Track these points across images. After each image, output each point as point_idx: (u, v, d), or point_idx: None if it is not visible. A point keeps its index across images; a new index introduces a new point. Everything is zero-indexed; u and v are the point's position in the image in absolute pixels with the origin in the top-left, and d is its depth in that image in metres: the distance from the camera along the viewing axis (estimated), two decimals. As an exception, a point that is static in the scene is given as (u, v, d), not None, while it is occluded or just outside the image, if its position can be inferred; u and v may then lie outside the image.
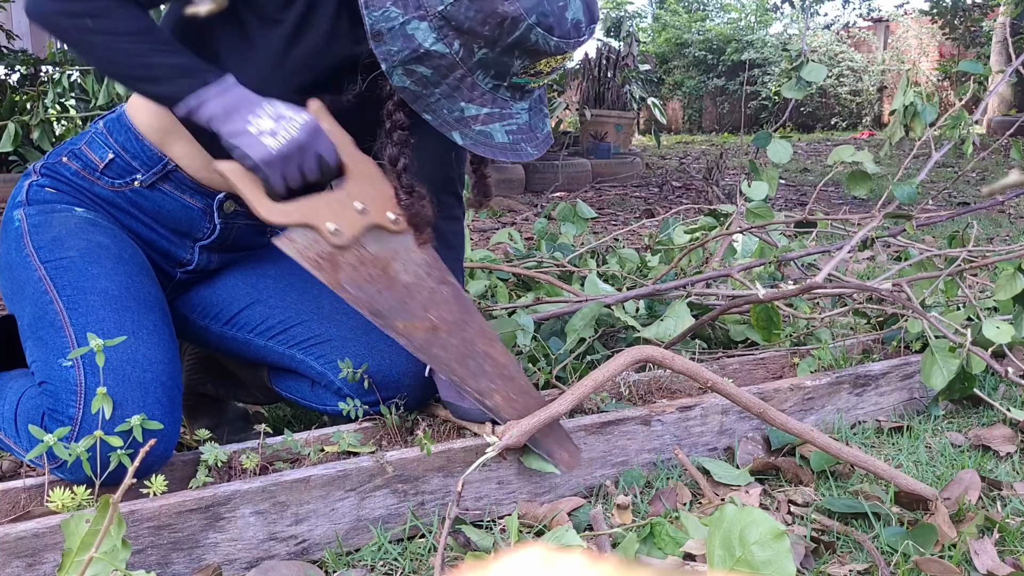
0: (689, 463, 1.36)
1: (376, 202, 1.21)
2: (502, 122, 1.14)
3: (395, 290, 1.23)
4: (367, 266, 1.22)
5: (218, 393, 1.63)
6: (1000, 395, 1.75)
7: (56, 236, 1.26)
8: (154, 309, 1.26)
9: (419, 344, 1.24)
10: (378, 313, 1.23)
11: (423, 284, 1.25)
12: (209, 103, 1.13)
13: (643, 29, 16.38)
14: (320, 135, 1.18)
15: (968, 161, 5.15)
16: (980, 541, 1.13)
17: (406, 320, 1.24)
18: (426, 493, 1.24)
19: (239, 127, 1.13)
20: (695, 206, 3.36)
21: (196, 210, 1.35)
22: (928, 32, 13.06)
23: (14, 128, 2.93)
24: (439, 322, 1.25)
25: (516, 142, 1.15)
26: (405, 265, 1.24)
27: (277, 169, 1.14)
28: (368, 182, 1.21)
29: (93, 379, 1.14)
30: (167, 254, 1.39)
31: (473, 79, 1.11)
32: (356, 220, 1.20)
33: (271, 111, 1.15)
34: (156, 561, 1.08)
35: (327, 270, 1.20)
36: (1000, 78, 2.08)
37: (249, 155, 1.13)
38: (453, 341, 1.26)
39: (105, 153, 1.31)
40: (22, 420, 1.21)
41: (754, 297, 1.68)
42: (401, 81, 1.10)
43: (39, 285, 1.22)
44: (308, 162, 1.17)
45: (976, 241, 1.97)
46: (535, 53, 1.09)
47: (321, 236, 1.19)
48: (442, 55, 1.08)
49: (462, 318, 1.27)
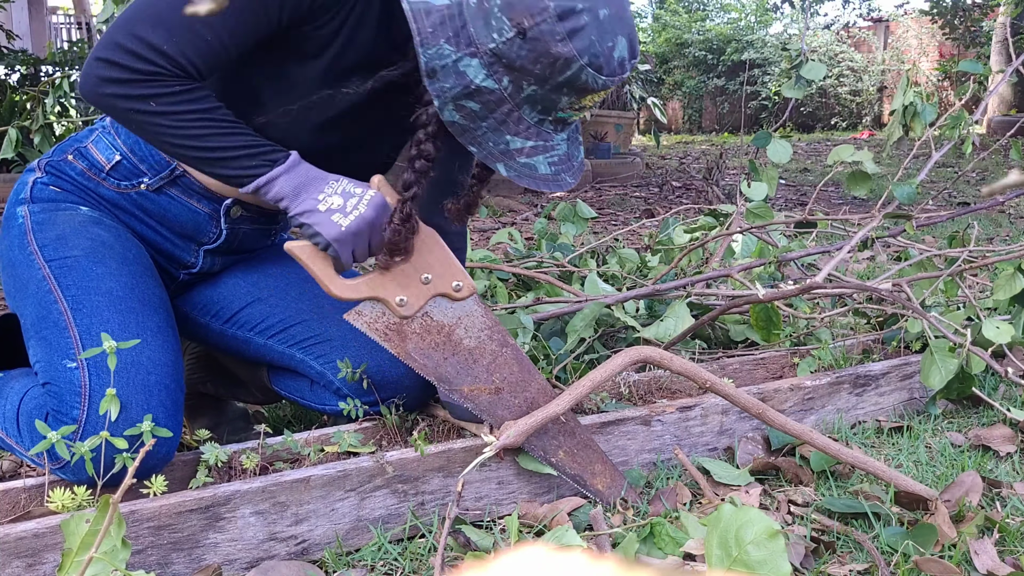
0: (689, 463, 1.36)
1: (440, 271, 1.24)
2: (545, 154, 1.15)
3: (460, 355, 1.27)
4: (432, 334, 1.26)
5: (218, 392, 1.63)
6: (1000, 395, 1.75)
7: (60, 234, 1.26)
8: (159, 310, 1.26)
9: (484, 407, 1.28)
10: (444, 379, 1.27)
11: (486, 348, 1.29)
12: (278, 182, 1.14)
13: (643, 29, 16.38)
14: (387, 210, 1.19)
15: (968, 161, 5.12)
16: (980, 541, 1.13)
17: (471, 384, 1.28)
18: (426, 493, 1.24)
19: (310, 206, 1.15)
20: (695, 206, 3.36)
21: (203, 215, 1.35)
22: (928, 32, 13.06)
23: (15, 134, 2.93)
24: (502, 384, 1.29)
25: (557, 173, 1.17)
26: (468, 331, 1.28)
27: (348, 246, 1.16)
28: (431, 253, 1.24)
29: (98, 381, 1.14)
30: (171, 256, 1.39)
31: (520, 114, 1.12)
32: (422, 291, 1.24)
33: (339, 188, 1.17)
34: (156, 561, 1.08)
35: (395, 340, 1.24)
36: (1000, 78, 2.08)
37: (321, 234, 1.15)
38: (516, 401, 1.29)
39: (112, 155, 1.31)
40: (24, 420, 1.21)
41: (754, 297, 1.68)
42: (451, 116, 1.10)
43: (43, 284, 1.22)
44: (376, 237, 1.19)
45: (976, 241, 1.97)
46: (583, 91, 1.11)
47: (389, 308, 1.23)
48: (491, 91, 1.09)
49: (523, 378, 1.30)
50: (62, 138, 3.97)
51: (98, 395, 1.13)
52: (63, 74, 3.18)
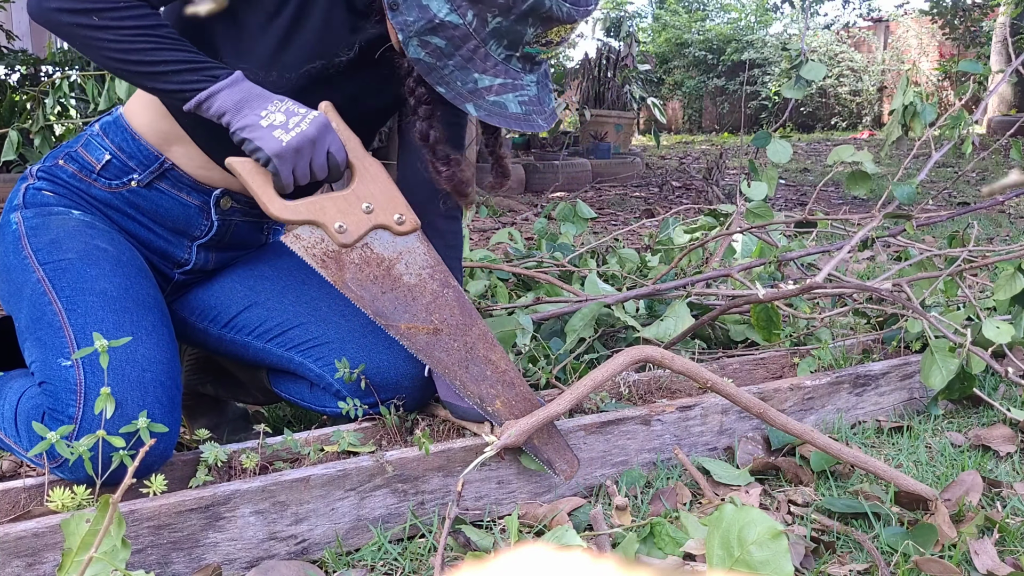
0: (689, 463, 1.36)
1: (383, 202, 1.23)
2: (515, 92, 1.15)
3: (398, 291, 1.25)
4: (371, 266, 1.23)
5: (218, 393, 1.63)
6: (1000, 395, 1.75)
7: (54, 238, 1.27)
8: (153, 310, 1.26)
9: (421, 346, 1.25)
10: (381, 313, 1.24)
11: (426, 286, 1.26)
12: (219, 97, 1.13)
13: (643, 29, 16.38)
14: (330, 131, 1.19)
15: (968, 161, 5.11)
16: (980, 541, 1.13)
17: (409, 322, 1.25)
18: (426, 493, 1.24)
19: (251, 120, 1.14)
20: (695, 206, 3.37)
21: (193, 207, 1.35)
22: (928, 32, 13.06)
23: (16, 136, 2.94)
24: (442, 325, 1.26)
25: (528, 113, 1.16)
26: (409, 267, 1.25)
27: (288, 163, 1.15)
28: (375, 183, 1.23)
29: (93, 379, 1.14)
30: (165, 254, 1.39)
31: (486, 50, 1.11)
32: (363, 220, 1.22)
33: (282, 106, 1.16)
34: (156, 561, 1.08)
35: (332, 268, 1.22)
36: (1000, 78, 2.08)
37: (261, 148, 1.13)
38: (455, 345, 1.27)
39: (101, 155, 1.32)
40: (22, 420, 1.21)
41: (754, 297, 1.68)
42: (416, 52, 1.11)
43: (37, 287, 1.23)
44: (318, 157, 1.18)
45: (976, 241, 1.97)
46: (548, 20, 1.10)
47: (328, 234, 1.20)
48: (456, 25, 1.09)
49: (465, 322, 1.28)
50: (62, 139, 3.97)
51: (93, 393, 1.13)
52: (63, 75, 3.18)
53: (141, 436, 1.09)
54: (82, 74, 3.28)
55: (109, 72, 1.21)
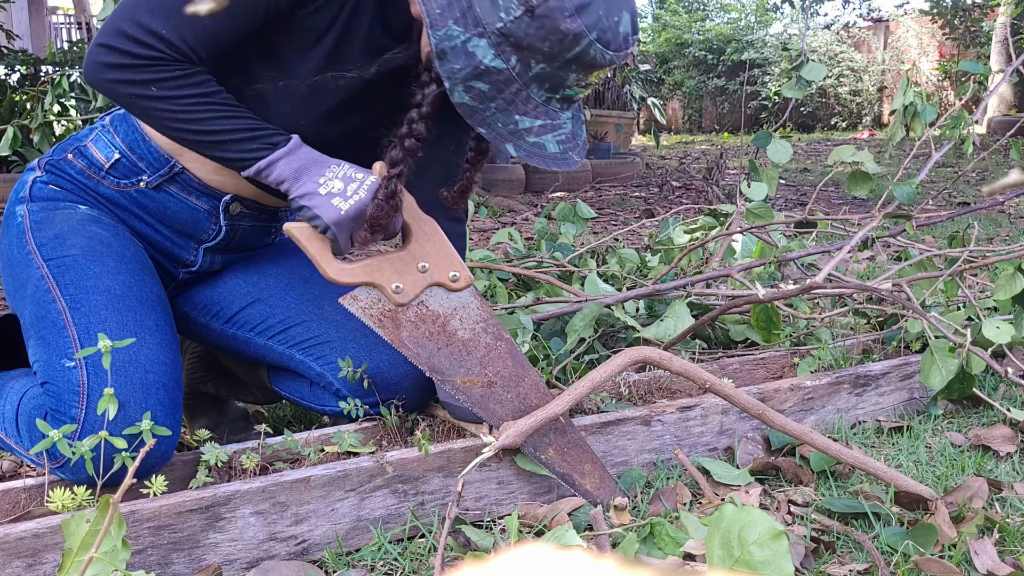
0: (689, 463, 1.36)
1: (438, 261, 1.25)
2: (553, 133, 1.16)
3: (453, 346, 1.27)
4: (427, 323, 1.26)
5: (218, 392, 1.63)
6: (1000, 395, 1.75)
7: (59, 233, 1.26)
8: (156, 309, 1.25)
9: (476, 399, 1.28)
10: (437, 369, 1.27)
11: (480, 340, 1.29)
12: (278, 165, 1.15)
13: (643, 29, 16.38)
14: None
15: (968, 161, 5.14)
16: (980, 541, 1.13)
17: (464, 376, 1.28)
18: (426, 493, 1.24)
19: (310, 189, 1.16)
20: (695, 206, 3.37)
21: (202, 212, 1.35)
22: (928, 32, 13.06)
23: (13, 131, 2.94)
24: (495, 378, 1.29)
25: (565, 151, 1.17)
26: (463, 322, 1.28)
27: (347, 230, 1.17)
28: (429, 242, 1.25)
29: (96, 380, 1.14)
30: (170, 255, 1.39)
31: (528, 93, 1.12)
32: (419, 279, 1.24)
33: (340, 172, 1.17)
34: (156, 561, 1.08)
35: (389, 327, 1.24)
36: (1000, 78, 2.08)
37: (320, 216, 1.15)
38: (508, 396, 1.29)
39: (111, 153, 1.31)
40: (24, 419, 1.21)
41: (754, 297, 1.68)
42: (461, 98, 1.10)
43: (41, 283, 1.22)
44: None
45: (976, 241, 1.97)
46: (591, 67, 1.11)
47: (385, 295, 1.23)
48: (500, 70, 1.09)
49: (517, 373, 1.30)
50: (62, 137, 3.97)
51: (96, 394, 1.13)
52: (62, 73, 3.18)
53: (143, 438, 1.09)
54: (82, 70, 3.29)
55: (168, 138, 1.22)
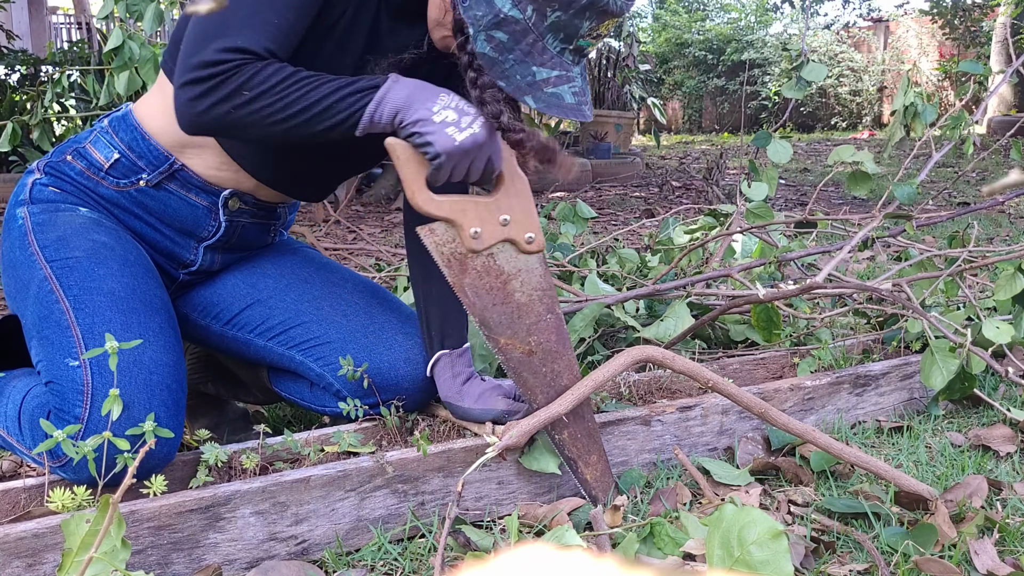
0: (689, 463, 1.36)
1: (519, 218, 1.25)
2: (568, 84, 1.18)
3: (508, 306, 1.27)
4: (491, 276, 1.26)
5: (219, 392, 1.63)
6: (1000, 395, 1.75)
7: (61, 235, 1.26)
8: (160, 311, 1.26)
9: (513, 364, 1.28)
10: (487, 323, 1.27)
11: (534, 307, 1.29)
12: (388, 99, 1.12)
13: (643, 29, 16.38)
14: (496, 139, 1.19)
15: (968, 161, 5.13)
16: (980, 541, 1.13)
17: (509, 337, 1.28)
18: (426, 493, 1.24)
19: (423, 115, 1.13)
20: (695, 206, 3.36)
21: (201, 208, 1.35)
22: (928, 32, 13.06)
23: (12, 127, 2.94)
24: (536, 348, 1.29)
25: (579, 103, 1.19)
26: (524, 285, 1.28)
27: (454, 161, 1.15)
28: (517, 198, 1.25)
29: (100, 380, 1.14)
30: (171, 255, 1.39)
31: (543, 43, 1.15)
32: (497, 230, 1.24)
33: (450, 101, 1.14)
34: (156, 561, 1.08)
35: (455, 269, 1.24)
36: (1000, 78, 2.08)
37: (433, 144, 1.13)
38: (544, 369, 1.29)
39: (110, 153, 1.31)
40: (26, 418, 1.21)
41: (754, 297, 1.68)
42: (483, 47, 1.13)
43: (44, 284, 1.22)
44: (479, 162, 1.18)
45: (976, 241, 1.97)
46: (604, 14, 1.14)
47: (461, 236, 1.23)
48: (517, 20, 1.12)
49: (557, 349, 1.30)
50: (61, 136, 3.96)
51: (100, 394, 1.13)
52: (62, 72, 3.18)
53: (146, 439, 1.09)
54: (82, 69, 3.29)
55: (280, 141, 1.19)
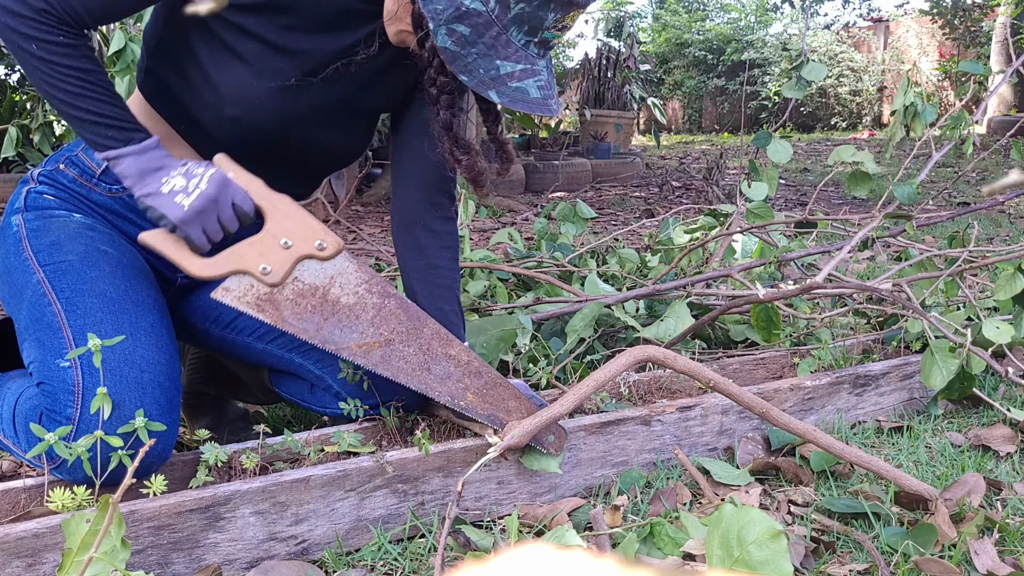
0: (689, 463, 1.36)
1: (300, 234, 1.21)
2: (533, 78, 1.18)
3: (340, 314, 1.24)
4: (307, 297, 1.22)
5: (219, 393, 1.63)
6: (1000, 395, 1.75)
7: (55, 240, 1.27)
8: (152, 311, 1.26)
9: (378, 361, 1.25)
10: (329, 340, 1.23)
11: (367, 302, 1.25)
12: (125, 161, 1.15)
13: (643, 29, 16.38)
14: (229, 185, 1.18)
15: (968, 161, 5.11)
16: (980, 541, 1.13)
17: (358, 340, 1.24)
18: (426, 493, 1.24)
19: (152, 189, 1.15)
20: (695, 206, 3.36)
21: None
22: (928, 32, 13.06)
23: (16, 132, 2.94)
24: (392, 335, 1.26)
25: (545, 98, 1.19)
26: (344, 288, 1.24)
27: (196, 225, 1.16)
28: (287, 218, 1.21)
29: (91, 379, 1.14)
30: (166, 260, 1.38)
31: (507, 36, 1.15)
32: (285, 256, 1.20)
33: (182, 170, 1.16)
34: (156, 561, 1.08)
35: (269, 311, 1.20)
36: (1000, 78, 2.08)
37: (166, 215, 1.14)
38: (410, 350, 1.26)
39: (101, 160, 1.31)
40: (20, 420, 1.21)
41: (754, 297, 1.68)
42: (444, 41, 1.13)
43: (38, 288, 1.23)
44: (224, 212, 1.18)
45: (976, 241, 1.97)
46: (569, 5, 1.14)
47: (255, 279, 1.19)
48: (479, 12, 1.12)
49: (414, 326, 1.27)
50: (62, 137, 3.96)
51: (91, 393, 1.13)
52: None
53: (139, 436, 1.09)
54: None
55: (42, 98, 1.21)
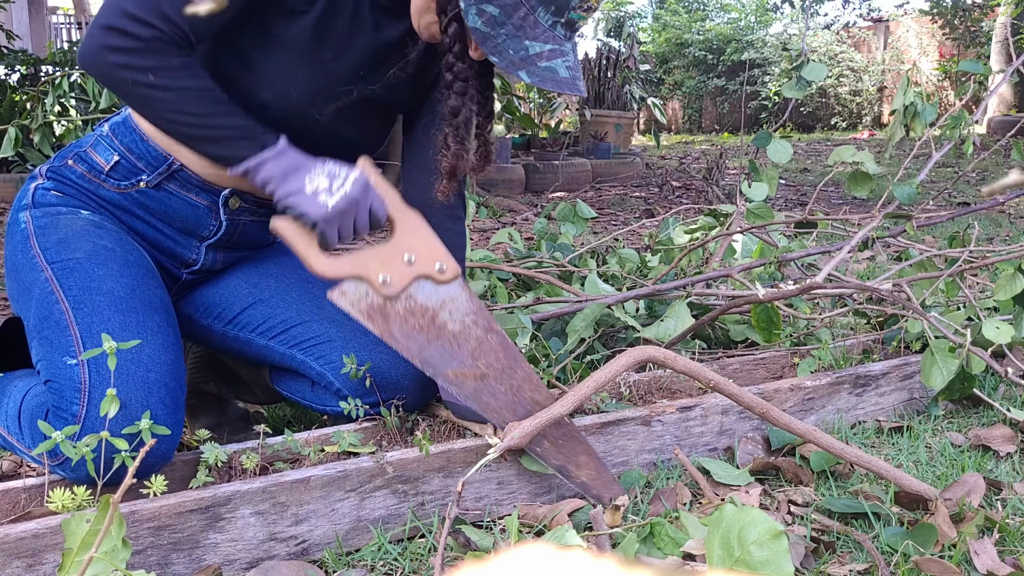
0: (689, 463, 1.36)
1: (423, 253, 1.24)
2: (561, 58, 1.19)
3: (443, 339, 1.26)
4: (416, 316, 1.25)
5: (220, 392, 1.63)
6: (1000, 395, 1.75)
7: (63, 238, 1.27)
8: (159, 311, 1.26)
9: (469, 392, 1.27)
10: (427, 362, 1.25)
11: (471, 333, 1.28)
12: (266, 166, 1.17)
13: (643, 29, 16.38)
14: (370, 190, 1.21)
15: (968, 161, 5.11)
16: (980, 541, 1.13)
17: (456, 368, 1.27)
18: (426, 493, 1.24)
19: (296, 188, 1.17)
20: (695, 206, 3.36)
21: (202, 208, 1.36)
22: (928, 32, 13.06)
23: (15, 132, 2.94)
24: (487, 370, 1.28)
25: (574, 78, 1.20)
26: (453, 315, 1.27)
27: (335, 225, 1.18)
28: (415, 234, 1.24)
29: (98, 377, 1.14)
30: (173, 255, 1.39)
31: (535, 17, 1.16)
32: (405, 271, 1.23)
33: (324, 170, 1.19)
34: (156, 561, 1.08)
35: (378, 321, 1.23)
36: (1000, 78, 2.08)
37: (308, 213, 1.17)
38: (501, 388, 1.28)
39: (110, 156, 1.32)
40: (26, 417, 1.22)
41: (754, 297, 1.68)
42: (474, 21, 1.14)
43: (46, 286, 1.23)
44: (361, 216, 1.21)
45: (976, 241, 1.97)
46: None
47: (372, 288, 1.22)
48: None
49: (509, 365, 1.29)
50: (62, 137, 3.96)
51: (98, 391, 1.13)
52: (63, 73, 3.19)
53: (143, 437, 1.09)
54: (83, 73, 3.29)
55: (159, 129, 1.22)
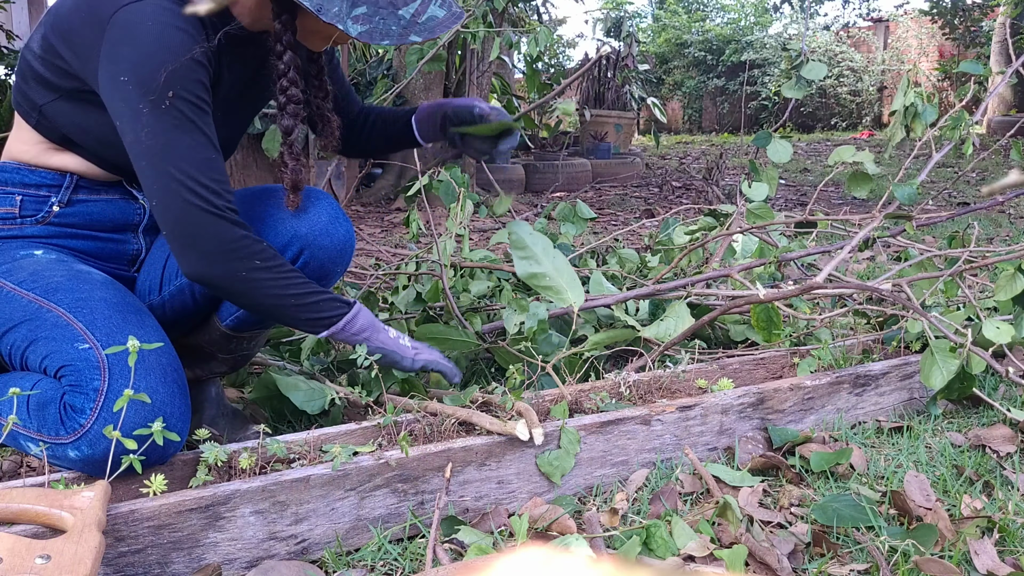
0: (699, 464, 1.36)
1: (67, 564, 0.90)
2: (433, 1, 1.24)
3: None
4: None
5: (195, 375, 1.64)
6: (1000, 395, 1.75)
7: (34, 271, 1.29)
8: (149, 315, 1.31)
9: None
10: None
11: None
12: (359, 320, 1.34)
13: (643, 29, 16.39)
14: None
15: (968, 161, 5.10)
16: (980, 541, 1.13)
17: None
18: (426, 493, 1.24)
19: (385, 336, 1.38)
20: (695, 206, 3.36)
21: (118, 201, 1.41)
22: (928, 32, 13.06)
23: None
24: None
25: (450, 6, 1.25)
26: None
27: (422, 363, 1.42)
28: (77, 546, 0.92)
29: (114, 356, 1.18)
30: (120, 257, 1.44)
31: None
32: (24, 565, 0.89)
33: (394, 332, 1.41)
34: (156, 560, 1.08)
35: None
36: (1000, 79, 2.07)
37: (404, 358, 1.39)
38: None
39: (12, 199, 1.34)
40: (35, 402, 1.22)
41: (754, 297, 1.68)
42: (356, 31, 1.19)
43: (31, 305, 1.25)
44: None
45: (976, 241, 1.97)
46: None
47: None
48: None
49: None
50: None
51: (116, 367, 1.17)
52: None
53: (161, 422, 1.12)
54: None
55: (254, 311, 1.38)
